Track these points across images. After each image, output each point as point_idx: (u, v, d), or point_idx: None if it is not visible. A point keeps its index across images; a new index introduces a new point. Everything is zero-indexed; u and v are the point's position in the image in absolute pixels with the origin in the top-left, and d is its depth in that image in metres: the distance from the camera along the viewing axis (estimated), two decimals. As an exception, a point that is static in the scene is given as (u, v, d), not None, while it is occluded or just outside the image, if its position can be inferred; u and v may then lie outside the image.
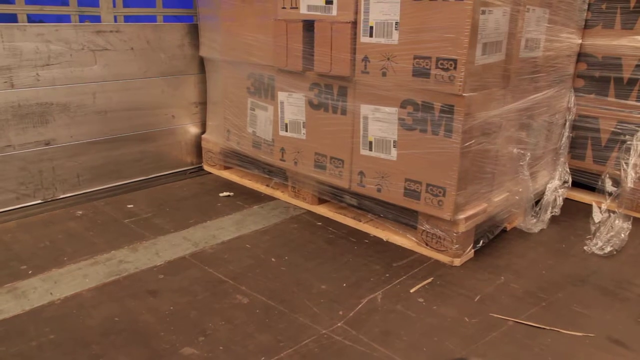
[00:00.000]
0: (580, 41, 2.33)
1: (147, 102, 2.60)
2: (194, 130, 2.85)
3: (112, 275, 1.70)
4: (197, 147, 2.87)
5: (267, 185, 2.48)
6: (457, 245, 1.78)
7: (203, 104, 2.82)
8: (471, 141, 1.69)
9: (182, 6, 2.75)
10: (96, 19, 2.43)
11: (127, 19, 2.53)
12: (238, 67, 2.39)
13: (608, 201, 2.23)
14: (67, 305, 1.53)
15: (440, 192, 1.73)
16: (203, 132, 2.85)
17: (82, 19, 2.39)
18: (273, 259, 1.83)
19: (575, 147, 2.45)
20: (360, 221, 2.09)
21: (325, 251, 1.89)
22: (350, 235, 2.03)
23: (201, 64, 2.75)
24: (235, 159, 2.61)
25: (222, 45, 2.46)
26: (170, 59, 2.64)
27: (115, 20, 2.50)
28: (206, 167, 2.83)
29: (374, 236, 2.02)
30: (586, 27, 2.33)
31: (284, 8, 2.02)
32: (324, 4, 1.88)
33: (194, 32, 2.69)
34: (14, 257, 1.81)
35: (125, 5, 2.52)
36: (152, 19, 2.65)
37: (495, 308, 1.55)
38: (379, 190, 1.91)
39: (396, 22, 1.69)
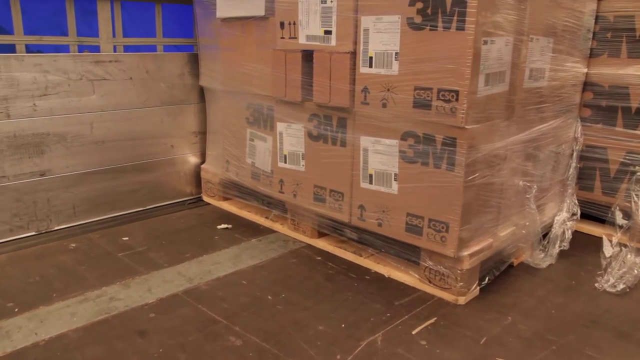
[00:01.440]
0: (585, 70, 2.28)
1: (146, 131, 2.57)
2: (193, 160, 2.80)
3: (101, 314, 1.63)
4: (197, 177, 2.82)
5: (267, 218, 2.42)
6: (461, 283, 1.70)
7: (203, 133, 2.79)
8: (475, 175, 1.63)
9: (182, 36, 2.73)
10: (95, 48, 2.42)
11: (127, 48, 2.52)
12: (237, 97, 2.35)
13: (619, 234, 2.15)
14: (51, 347, 1.46)
15: (443, 228, 1.66)
16: (203, 161, 2.81)
17: (81, 49, 2.37)
18: (269, 297, 1.75)
19: (583, 178, 2.38)
20: (361, 256, 2.02)
21: (324, 288, 1.82)
22: (350, 270, 1.95)
23: (201, 93, 2.72)
24: (234, 189, 2.56)
25: (221, 75, 2.43)
26: (170, 88, 2.62)
27: (115, 50, 2.48)
28: (205, 198, 2.78)
29: (375, 272, 1.94)
30: (591, 55, 2.29)
31: (282, 38, 1.99)
32: (322, 34, 1.84)
33: (194, 61, 2.67)
34: (1, 294, 1.75)
35: (125, 35, 2.50)
36: (152, 48, 2.64)
37: (502, 352, 1.47)
38: (379, 225, 1.84)
39: (396, 53, 1.65)
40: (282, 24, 1.98)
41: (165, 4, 2.63)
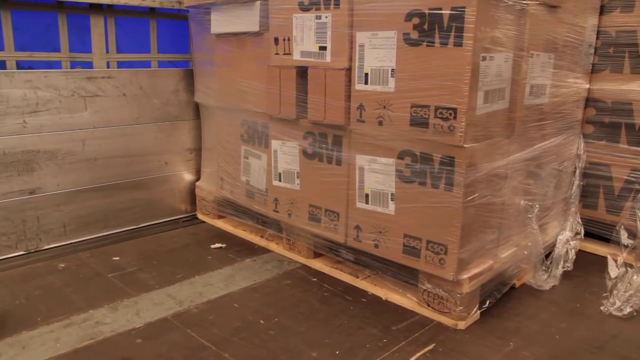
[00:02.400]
0: (587, 86, 2.23)
1: (139, 148, 2.52)
2: (188, 177, 2.75)
3: (85, 340, 1.57)
4: (191, 195, 2.77)
5: (262, 237, 2.36)
6: (461, 307, 1.63)
7: (198, 150, 2.74)
8: (474, 195, 1.57)
9: (177, 51, 2.70)
10: (88, 64, 2.38)
11: (121, 64, 2.48)
12: (232, 114, 2.31)
13: (624, 254, 2.09)
14: (31, 376, 1.40)
15: (441, 250, 1.60)
16: (198, 179, 2.76)
17: (74, 65, 2.34)
18: (262, 321, 1.69)
19: (587, 196, 2.32)
20: (358, 277, 1.95)
21: (318, 312, 1.75)
22: (346, 292, 1.89)
23: (196, 109, 2.68)
24: (229, 208, 2.50)
25: (216, 92, 2.39)
26: (164, 104, 2.57)
27: (108, 66, 2.44)
28: (200, 216, 2.72)
29: (372, 294, 1.87)
30: (593, 71, 2.24)
31: (277, 54, 1.95)
32: (317, 50, 1.80)
33: (189, 77, 2.63)
34: (-16, 318, 1.69)
35: (119, 51, 2.47)
36: (146, 64, 2.60)
37: (504, 382, 1.40)
38: (376, 246, 1.78)
39: (392, 69, 1.60)
40: (276, 40, 1.94)
41: (160, 19, 2.59)
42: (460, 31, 1.44)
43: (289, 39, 1.89)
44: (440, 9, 1.47)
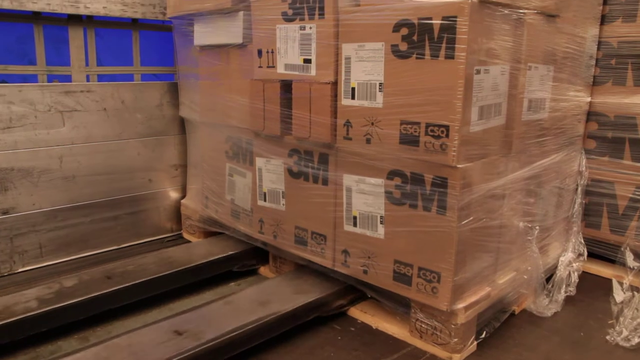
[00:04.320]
0: (589, 99, 2.13)
1: (121, 165, 2.41)
2: (173, 194, 2.64)
3: (50, 377, 1.45)
4: (177, 213, 2.65)
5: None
6: (456, 339, 1.51)
7: (184, 166, 2.63)
8: (469, 218, 1.45)
9: (161, 64, 2.60)
10: (66, 78, 2.28)
11: (101, 77, 2.38)
12: (216, 130, 2.20)
13: (630, 277, 1.97)
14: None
15: (434, 278, 1.48)
16: (183, 196, 2.64)
17: (51, 78, 2.23)
18: (241, 354, 1.56)
19: (590, 214, 2.20)
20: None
21: (303, 341, 1.63)
22: (334, 320, 1.77)
23: (182, 124, 2.58)
24: (215, 227, 2.38)
25: (200, 106, 2.28)
26: (148, 119, 2.47)
27: (88, 80, 2.34)
28: (185, 235, 2.60)
29: (362, 322, 1.75)
30: (595, 84, 2.14)
31: (260, 67, 1.85)
32: (302, 63, 1.69)
33: (174, 90, 2.52)
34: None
35: (99, 63, 2.37)
36: (129, 77, 2.50)
37: None
38: (365, 272, 1.66)
39: (380, 83, 1.50)
40: (259, 52, 1.84)
41: (144, 31, 2.49)
42: (452, 42, 1.33)
43: (272, 51, 1.79)
44: (430, 18, 1.36)
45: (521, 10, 1.51)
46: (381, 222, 1.59)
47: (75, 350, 1.43)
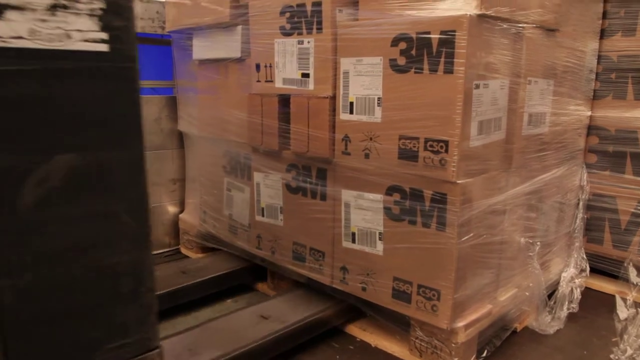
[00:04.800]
0: (589, 113, 2.11)
1: (118, 180, 2.39)
2: (171, 209, 2.61)
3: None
4: (175, 228, 2.62)
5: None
6: (456, 358, 1.48)
7: (182, 180, 2.61)
8: (469, 234, 1.43)
9: (160, 78, 2.59)
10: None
11: (99, 92, 2.36)
12: (214, 144, 2.18)
13: (633, 293, 1.94)
14: None
15: (434, 295, 1.46)
16: (182, 210, 2.62)
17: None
18: (238, 374, 1.53)
19: (592, 229, 2.17)
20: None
21: (302, 358, 1.60)
22: (333, 338, 1.73)
23: (180, 138, 2.56)
24: (212, 242, 2.36)
25: (198, 120, 2.27)
26: (146, 133, 2.42)
27: (86, 94, 2.32)
28: (183, 250, 2.58)
29: (361, 340, 1.72)
30: (595, 97, 2.12)
31: (258, 81, 1.83)
32: (300, 77, 1.68)
33: (173, 104, 2.51)
34: None
35: (98, 78, 2.35)
36: (127, 92, 2.48)
37: None
38: (364, 289, 1.64)
39: (379, 98, 1.48)
40: (257, 67, 1.83)
41: (142, 45, 2.49)
42: (451, 57, 1.32)
43: (270, 66, 1.78)
44: (428, 32, 1.35)
45: (520, 25, 1.50)
46: (380, 239, 1.56)
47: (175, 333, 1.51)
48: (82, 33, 0.81)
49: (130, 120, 0.91)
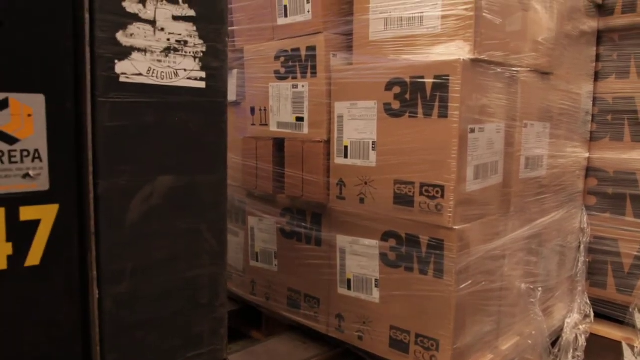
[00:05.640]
0: (587, 155, 2.10)
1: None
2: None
3: None
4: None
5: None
6: (458, 413, 1.41)
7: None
8: (468, 282, 1.39)
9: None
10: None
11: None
12: (209, 187, 2.16)
13: (640, 340, 1.88)
14: None
15: (432, 345, 1.40)
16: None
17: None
18: None
19: (594, 273, 2.12)
20: (343, 371, 1.73)
21: (295, 416, 1.53)
22: (329, 390, 1.66)
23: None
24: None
25: (193, 163, 2.25)
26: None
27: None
28: (176, 295, 2.51)
29: (358, 392, 1.65)
30: (592, 139, 2.11)
31: (253, 125, 1.83)
32: (294, 121, 1.67)
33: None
34: None
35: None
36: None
37: None
38: (360, 338, 1.58)
39: (373, 142, 1.46)
40: (252, 110, 1.82)
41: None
42: (445, 101, 1.31)
43: (265, 109, 1.77)
44: (422, 77, 1.35)
45: (514, 68, 1.50)
46: (376, 286, 1.52)
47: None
48: (186, 72, 0.95)
49: (219, 148, 1.02)
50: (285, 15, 1.69)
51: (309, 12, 1.61)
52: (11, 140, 0.80)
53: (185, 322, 1.01)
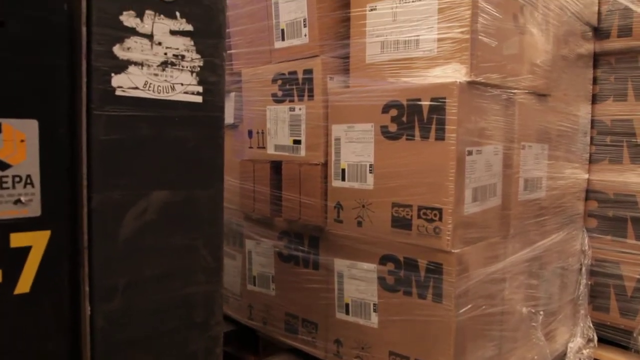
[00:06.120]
0: (587, 176, 2.09)
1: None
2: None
3: None
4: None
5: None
6: None
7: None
8: (468, 306, 1.36)
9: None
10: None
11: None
12: (206, 210, 2.14)
13: (645, 365, 1.84)
14: None
15: (433, 372, 1.37)
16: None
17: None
18: None
19: (596, 296, 2.09)
20: (341, 398, 1.69)
21: None
22: (327, 418, 1.63)
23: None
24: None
25: (191, 186, 2.24)
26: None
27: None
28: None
29: (357, 421, 1.61)
30: (592, 161, 2.10)
31: (250, 148, 1.82)
32: (291, 144, 1.67)
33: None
34: None
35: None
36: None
37: None
38: (359, 365, 1.55)
39: (370, 165, 1.46)
40: (250, 133, 1.82)
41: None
42: (442, 123, 1.30)
43: (263, 132, 1.77)
44: (419, 99, 1.34)
45: (511, 90, 1.50)
46: (374, 310, 1.49)
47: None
48: (183, 86, 0.95)
49: (215, 162, 1.02)
50: (283, 39, 1.69)
51: (306, 35, 1.61)
52: (3, 165, 0.79)
53: (180, 340, 0.99)
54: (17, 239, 0.81)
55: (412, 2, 1.40)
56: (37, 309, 0.83)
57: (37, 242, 0.82)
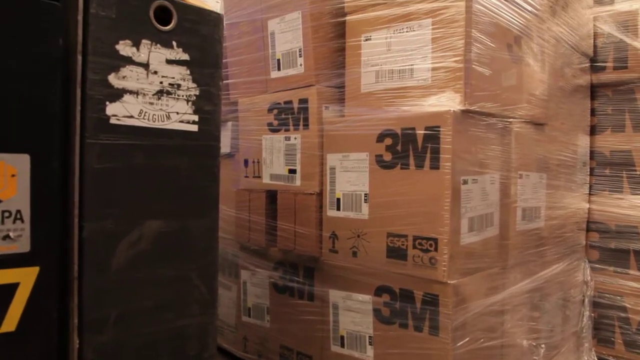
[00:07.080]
0: (587, 206, 2.06)
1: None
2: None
3: None
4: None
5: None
6: None
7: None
8: (465, 339, 1.33)
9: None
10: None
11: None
12: (203, 240, 2.12)
13: (652, 402, 1.78)
14: None
15: (430, 409, 1.32)
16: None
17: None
18: None
19: (600, 329, 2.04)
20: None
21: None
22: None
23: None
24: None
25: (188, 216, 2.22)
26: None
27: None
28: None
29: None
30: (592, 192, 2.08)
31: (246, 177, 1.81)
32: (287, 173, 1.66)
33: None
34: None
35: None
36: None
37: None
38: (354, 400, 1.50)
39: (365, 194, 1.44)
40: (246, 162, 1.82)
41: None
42: (437, 152, 1.29)
43: (258, 161, 1.76)
44: (413, 128, 1.34)
45: (507, 119, 1.49)
46: (370, 343, 1.45)
47: None
48: (179, 115, 0.94)
49: (210, 192, 1.00)
50: (279, 69, 1.70)
51: (301, 65, 1.62)
52: (-8, 201, 0.78)
53: (172, 373, 0.97)
54: (4, 276, 0.78)
55: (406, 32, 1.41)
56: (23, 347, 0.80)
57: (25, 278, 0.80)
